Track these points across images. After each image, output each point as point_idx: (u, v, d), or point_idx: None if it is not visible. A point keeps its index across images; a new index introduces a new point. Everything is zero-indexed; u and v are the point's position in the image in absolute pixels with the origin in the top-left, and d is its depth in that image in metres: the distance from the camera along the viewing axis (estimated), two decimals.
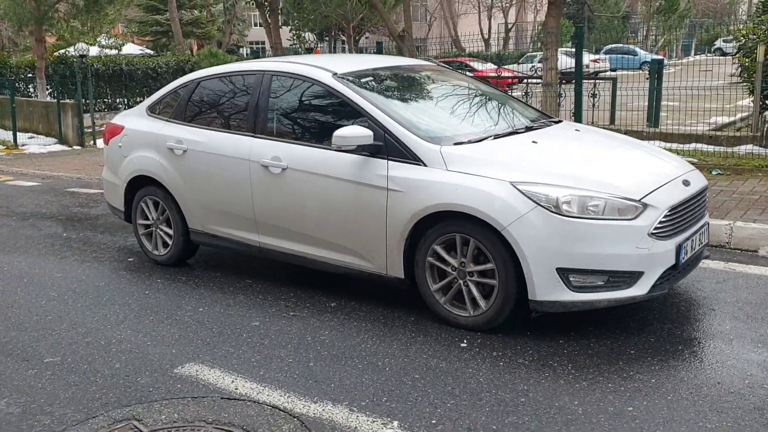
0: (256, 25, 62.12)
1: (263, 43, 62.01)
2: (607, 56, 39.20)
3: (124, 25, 43.42)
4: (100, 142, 15.92)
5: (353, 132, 4.31)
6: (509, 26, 54.39)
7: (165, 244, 5.74)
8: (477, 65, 27.74)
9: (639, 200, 3.88)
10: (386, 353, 3.89)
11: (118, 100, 21.33)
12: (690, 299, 4.48)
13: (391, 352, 3.89)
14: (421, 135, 4.31)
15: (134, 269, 5.74)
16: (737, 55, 11.59)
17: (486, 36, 50.93)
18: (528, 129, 4.76)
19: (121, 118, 6.12)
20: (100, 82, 20.32)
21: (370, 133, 4.31)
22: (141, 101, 21.92)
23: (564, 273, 3.81)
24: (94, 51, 27.52)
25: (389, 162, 4.30)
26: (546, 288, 3.82)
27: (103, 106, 20.23)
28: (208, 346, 4.10)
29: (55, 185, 10.16)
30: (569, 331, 4.04)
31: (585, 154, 4.49)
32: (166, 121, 5.61)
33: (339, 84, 4.70)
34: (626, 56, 39.77)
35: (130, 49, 35.54)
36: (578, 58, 8.50)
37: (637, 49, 46.72)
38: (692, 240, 4.16)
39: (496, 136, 4.51)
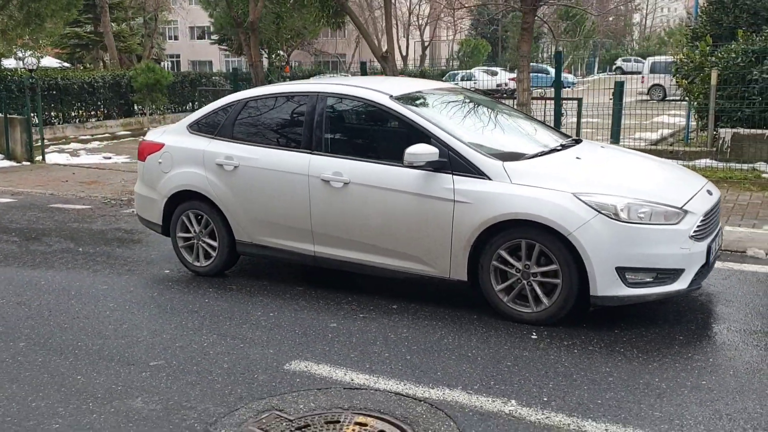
0: (171, 38, 61.27)
1: (178, 56, 61.29)
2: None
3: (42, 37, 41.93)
4: (51, 157, 15.64)
5: (423, 150, 4.79)
6: (425, 44, 55.88)
7: (207, 256, 6.00)
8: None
9: (681, 207, 4.54)
10: (470, 346, 4.37)
11: (52, 114, 20.80)
12: (707, 293, 5.18)
13: (475, 345, 4.38)
14: (482, 152, 4.84)
15: (177, 280, 5.98)
16: (676, 77, 12.73)
17: (404, 53, 52.37)
18: (563, 147, 5.37)
19: (159, 135, 6.34)
20: (35, 96, 19.78)
21: (436, 150, 4.81)
22: (77, 115, 21.59)
23: (621, 271, 4.41)
24: (8, 63, 26.52)
25: (454, 176, 4.81)
26: (606, 285, 4.41)
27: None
28: (302, 346, 4.46)
29: (33, 201, 10.05)
30: (619, 323, 4.64)
31: (624, 168, 5.15)
32: (212, 138, 5.90)
33: (397, 105, 5.17)
34: (539, 75, 41.73)
35: (49, 62, 34.43)
36: (557, 78, 9.25)
37: (549, 68, 49.18)
38: (716, 242, 4.86)
39: (543, 153, 5.10)
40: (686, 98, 12.31)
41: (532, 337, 4.48)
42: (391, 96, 5.26)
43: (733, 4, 13.11)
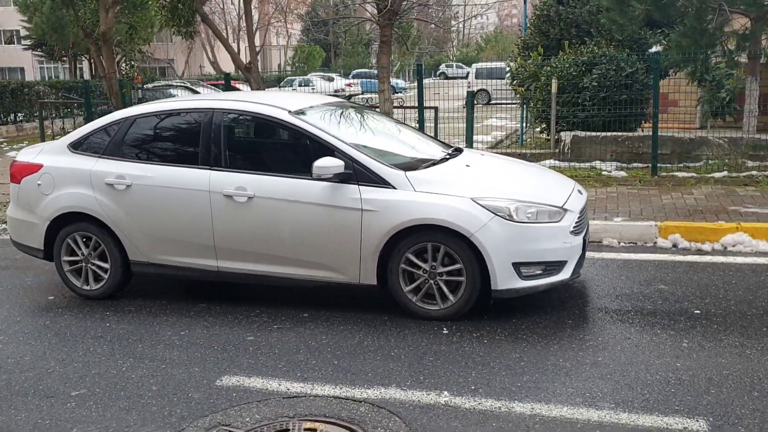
0: None
1: None
2: (358, 80, 42.12)
3: None
4: None
5: (330, 163, 5.01)
6: (258, 49, 55.54)
7: (97, 279, 5.81)
8: (246, 88, 28.31)
9: (561, 206, 5.11)
10: (390, 346, 4.65)
11: None
12: (579, 281, 5.82)
13: (395, 344, 4.66)
14: (385, 163, 5.15)
15: (67, 306, 5.73)
16: (513, 85, 13.83)
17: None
18: (451, 156, 5.80)
19: (35, 156, 6.02)
20: None
21: (342, 162, 5.04)
22: None
23: (517, 266, 4.89)
24: None
25: (360, 186, 5.07)
26: (505, 279, 4.88)
27: None
28: (226, 361, 4.52)
29: None
30: (515, 313, 5.13)
31: (507, 174, 5.67)
32: (99, 157, 5.73)
33: (297, 120, 5.34)
34: (372, 80, 42.95)
35: None
36: (419, 87, 9.76)
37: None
38: (587, 235, 5.51)
39: (435, 162, 5.50)
40: (523, 104, 13.39)
41: (444, 332, 4.85)
42: (289, 111, 5.42)
43: (558, 18, 14.45)
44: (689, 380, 4.01)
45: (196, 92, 21.00)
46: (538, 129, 13.11)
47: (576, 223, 5.15)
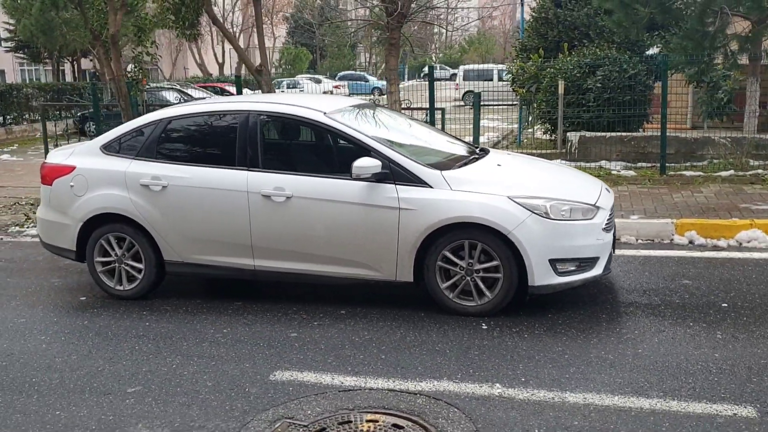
0: None
1: None
2: (346, 82, 42.28)
3: None
4: None
5: (369, 163, 5.11)
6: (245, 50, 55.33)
7: (131, 279, 5.87)
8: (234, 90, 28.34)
9: (594, 204, 5.26)
10: (433, 341, 4.76)
11: None
12: (606, 277, 5.97)
13: (437, 339, 4.77)
14: (420, 162, 5.26)
15: (102, 306, 5.79)
16: (513, 87, 14.02)
17: (221, 61, 51.54)
18: (480, 155, 5.92)
19: (67, 157, 6.07)
20: None
21: (379, 162, 5.15)
22: None
23: (553, 262, 5.03)
24: None
25: (397, 186, 5.18)
26: (541, 275, 5.01)
27: None
28: (275, 357, 4.60)
29: None
30: (549, 309, 5.26)
31: (538, 173, 5.81)
32: (133, 158, 5.79)
33: (333, 122, 5.44)
34: (359, 82, 43.13)
35: None
36: (431, 89, 9.88)
37: (367, 76, 50.89)
38: (615, 232, 5.66)
39: (467, 162, 5.62)
40: (522, 105, 13.57)
41: (483, 327, 4.97)
42: (324, 113, 5.52)
43: (557, 20, 14.66)
44: (730, 369, 4.16)
45: (188, 95, 21.01)
46: (537, 129, 13.28)
47: (607, 220, 5.30)
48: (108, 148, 5.93)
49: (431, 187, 5.15)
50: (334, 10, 62.52)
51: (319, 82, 41.14)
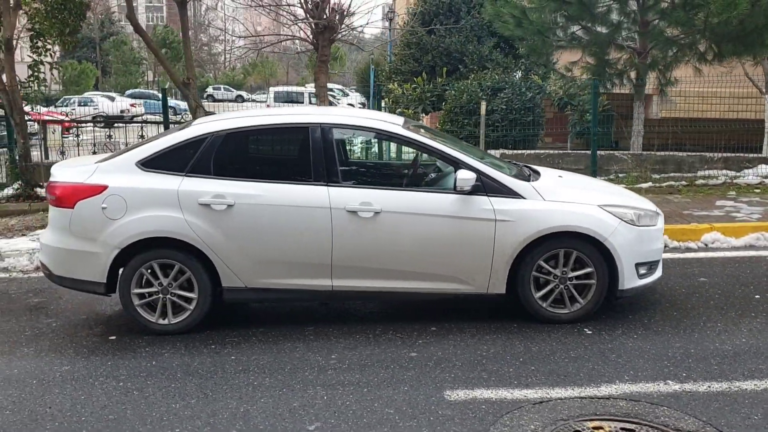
0: None
1: None
2: (141, 101, 40.08)
3: None
4: None
5: (468, 175, 5.07)
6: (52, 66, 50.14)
7: (178, 311, 5.21)
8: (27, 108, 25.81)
9: (656, 211, 5.69)
10: (560, 349, 4.81)
11: None
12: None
13: (561, 348, 4.84)
14: (509, 174, 5.33)
15: (157, 344, 5.06)
16: (401, 108, 14.41)
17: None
18: (536, 171, 6.03)
19: (89, 175, 5.21)
20: None
21: (474, 175, 5.14)
22: None
23: (636, 266, 5.35)
24: None
25: (490, 198, 5.19)
26: (629, 279, 5.30)
27: None
28: (419, 378, 4.38)
29: None
30: (622, 312, 5.56)
31: (595, 185, 6.13)
32: (184, 176, 5.16)
33: (415, 135, 5.32)
34: (149, 101, 40.91)
35: None
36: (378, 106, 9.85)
37: (156, 93, 48.31)
38: None
39: (537, 176, 5.76)
40: None
41: (588, 332, 5.13)
42: (401, 125, 5.37)
43: (431, 46, 15.34)
44: None
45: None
46: None
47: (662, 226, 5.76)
48: (147, 165, 5.21)
49: (524, 198, 5.23)
50: (114, 24, 58.95)
51: (113, 99, 38.65)
